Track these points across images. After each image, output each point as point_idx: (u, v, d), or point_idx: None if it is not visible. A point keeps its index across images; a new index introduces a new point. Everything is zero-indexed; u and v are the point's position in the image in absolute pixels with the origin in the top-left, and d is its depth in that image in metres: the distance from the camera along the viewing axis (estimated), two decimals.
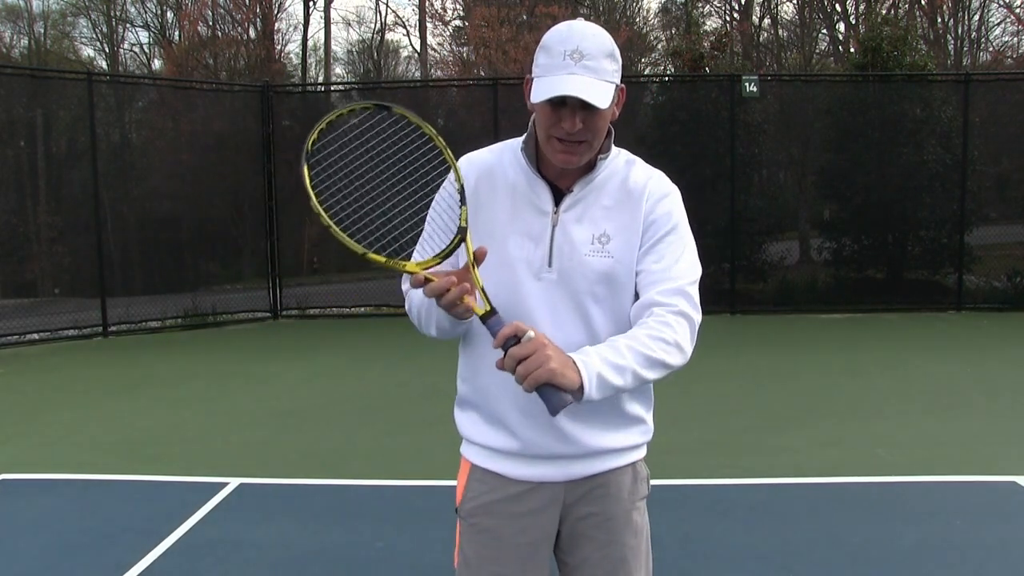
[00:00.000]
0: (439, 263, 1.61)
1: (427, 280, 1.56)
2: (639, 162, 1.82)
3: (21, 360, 9.40)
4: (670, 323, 1.63)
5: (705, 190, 11.81)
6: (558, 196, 1.75)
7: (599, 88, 1.61)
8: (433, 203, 1.75)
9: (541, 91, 1.61)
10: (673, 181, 1.82)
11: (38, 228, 12.56)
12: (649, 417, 1.86)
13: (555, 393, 1.45)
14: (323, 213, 1.58)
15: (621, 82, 1.69)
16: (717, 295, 11.68)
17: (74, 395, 7.54)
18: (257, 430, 6.13)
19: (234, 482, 4.84)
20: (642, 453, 1.87)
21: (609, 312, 1.72)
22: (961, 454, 5.24)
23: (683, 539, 3.91)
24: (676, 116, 12.24)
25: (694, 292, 1.70)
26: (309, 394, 7.41)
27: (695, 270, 1.73)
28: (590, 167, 1.74)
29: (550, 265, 1.71)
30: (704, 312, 1.71)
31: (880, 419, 6.10)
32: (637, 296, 1.73)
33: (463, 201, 1.64)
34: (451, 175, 1.68)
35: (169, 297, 11.81)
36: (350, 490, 4.76)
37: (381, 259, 1.58)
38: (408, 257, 1.63)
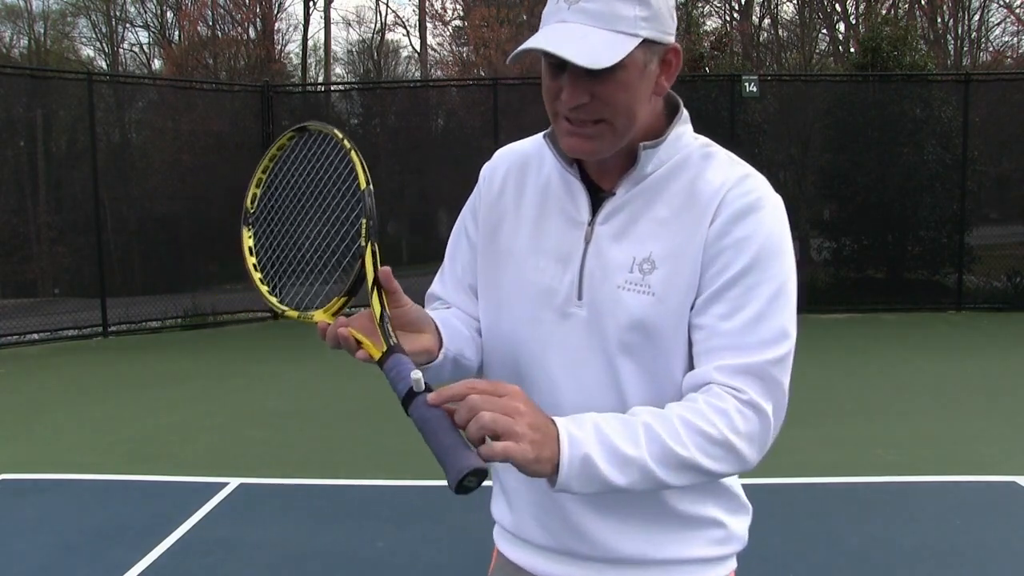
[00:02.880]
0: (347, 301, 1.25)
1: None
2: (720, 155, 1.26)
3: (21, 360, 9.40)
4: (728, 411, 1.11)
5: None
6: (601, 202, 1.26)
7: (595, 39, 1.10)
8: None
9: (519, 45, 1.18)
10: None
11: (38, 228, 12.56)
12: (733, 520, 1.32)
13: (466, 454, 0.98)
14: (256, 277, 1.37)
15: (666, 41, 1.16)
16: None
17: (74, 395, 7.53)
18: (257, 430, 6.13)
19: (234, 482, 4.84)
20: (721, 572, 1.32)
21: (645, 372, 1.21)
22: (961, 454, 5.24)
23: None
24: None
25: (780, 374, 1.17)
26: (309, 394, 7.41)
27: (785, 338, 1.17)
28: (635, 159, 1.23)
29: (580, 297, 1.24)
30: None
31: (880, 419, 6.10)
32: (692, 361, 1.21)
33: (365, 212, 1.20)
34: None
35: (169, 297, 11.81)
36: (350, 490, 4.76)
37: (294, 314, 1.31)
38: (324, 303, 1.28)
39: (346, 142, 1.25)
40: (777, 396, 1.16)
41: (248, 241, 1.39)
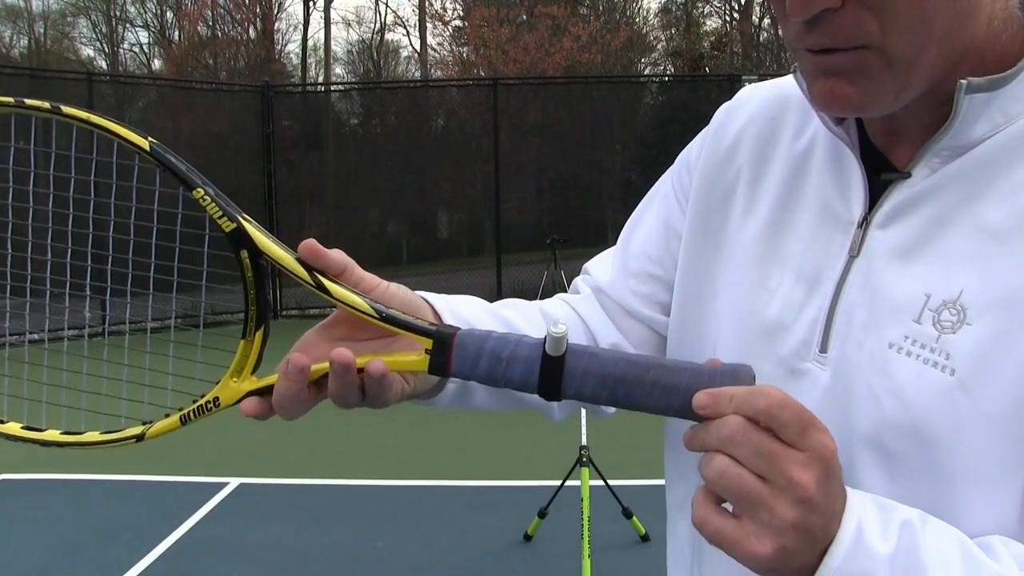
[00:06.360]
0: (264, 335, 0.79)
1: (262, 393, 0.78)
2: None
3: (21, 360, 9.41)
4: None
5: None
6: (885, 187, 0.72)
7: None
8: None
9: None
10: None
11: (38, 228, 12.59)
12: None
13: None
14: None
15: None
16: None
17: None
18: (257, 430, 6.10)
19: (234, 482, 4.84)
20: None
21: (913, 500, 0.64)
22: None
23: None
24: (676, 116, 12.28)
25: None
26: None
27: None
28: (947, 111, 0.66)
29: (824, 348, 0.72)
30: None
31: None
32: None
33: (188, 180, 0.74)
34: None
35: (169, 297, 11.85)
36: (350, 490, 4.76)
37: (170, 423, 0.78)
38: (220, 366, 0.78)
39: (65, 110, 0.77)
40: None
41: None
